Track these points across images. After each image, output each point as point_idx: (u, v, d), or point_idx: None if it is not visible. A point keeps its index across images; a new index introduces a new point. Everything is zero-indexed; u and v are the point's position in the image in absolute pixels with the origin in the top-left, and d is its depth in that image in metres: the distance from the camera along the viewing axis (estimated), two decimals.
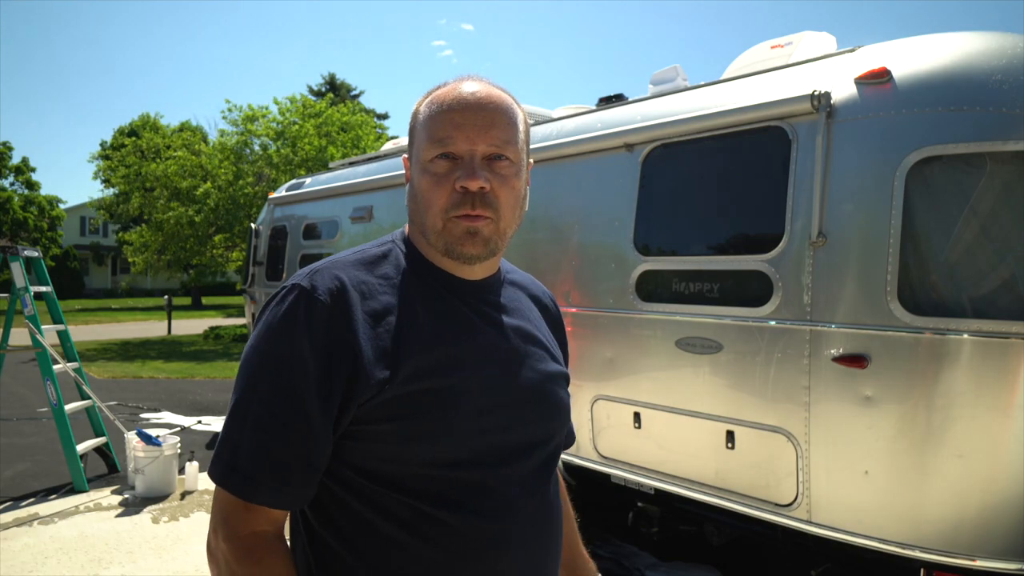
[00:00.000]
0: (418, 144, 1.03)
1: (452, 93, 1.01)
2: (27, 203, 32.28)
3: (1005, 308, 2.54)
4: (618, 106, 4.06)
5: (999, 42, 2.75)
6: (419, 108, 1.05)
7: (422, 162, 1.01)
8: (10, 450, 6.45)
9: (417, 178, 1.03)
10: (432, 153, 0.99)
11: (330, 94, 21.89)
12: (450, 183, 0.98)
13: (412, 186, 1.05)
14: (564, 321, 1.33)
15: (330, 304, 0.94)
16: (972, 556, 2.55)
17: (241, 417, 0.93)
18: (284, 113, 17.59)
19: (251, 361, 0.96)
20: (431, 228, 1.01)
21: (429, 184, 1.00)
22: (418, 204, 1.03)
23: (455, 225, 0.99)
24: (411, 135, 1.07)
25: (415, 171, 1.04)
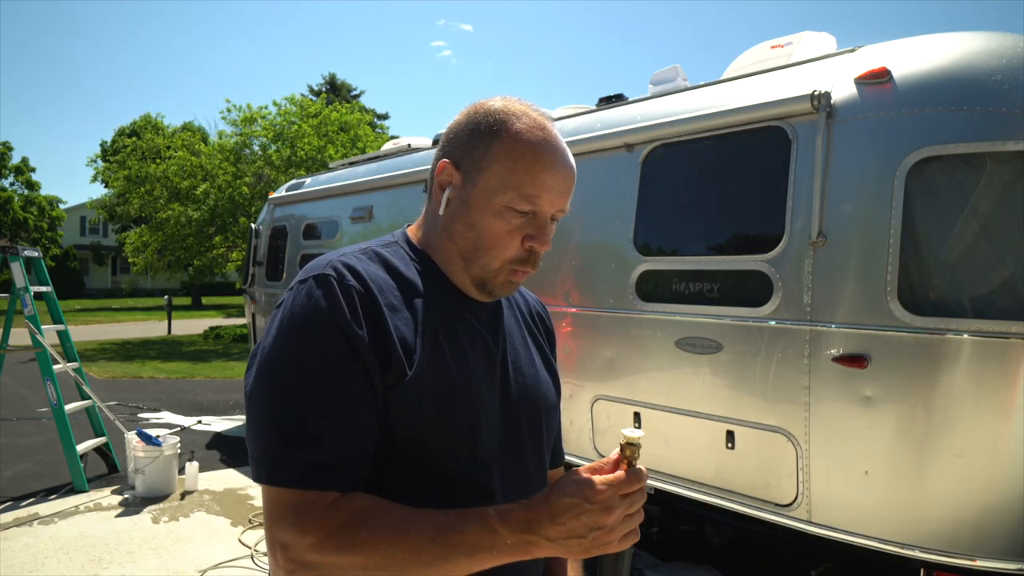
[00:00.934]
0: (493, 179, 0.99)
1: (543, 145, 1.00)
2: (27, 203, 32.29)
3: (1005, 308, 2.54)
4: (618, 106, 4.06)
5: (999, 42, 2.75)
6: (499, 133, 1.00)
7: (496, 205, 0.99)
8: (10, 450, 6.45)
9: (485, 215, 1.00)
10: (513, 204, 0.99)
11: (325, 94, 21.85)
12: (520, 237, 1.00)
13: (469, 213, 1.01)
14: (565, 322, 1.34)
15: (360, 289, 0.94)
16: (972, 556, 2.55)
17: (299, 410, 0.89)
18: (283, 114, 17.59)
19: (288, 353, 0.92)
20: (482, 264, 1.02)
21: (503, 231, 1.00)
22: (478, 238, 1.01)
23: (508, 274, 1.03)
24: (476, 152, 1.01)
25: (481, 204, 1.00)
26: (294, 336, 0.92)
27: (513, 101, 1.04)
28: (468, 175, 1.01)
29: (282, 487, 0.88)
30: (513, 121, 1.00)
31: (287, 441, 0.89)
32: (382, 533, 0.85)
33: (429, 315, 1.00)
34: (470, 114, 1.04)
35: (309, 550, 0.86)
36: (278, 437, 0.89)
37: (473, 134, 1.02)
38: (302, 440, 0.89)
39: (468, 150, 1.02)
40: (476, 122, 1.02)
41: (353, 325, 0.91)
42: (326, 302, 0.92)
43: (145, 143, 21.06)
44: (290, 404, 0.90)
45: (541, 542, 0.83)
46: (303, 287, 0.95)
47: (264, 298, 7.50)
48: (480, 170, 1.00)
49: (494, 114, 1.02)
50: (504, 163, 0.99)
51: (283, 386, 0.91)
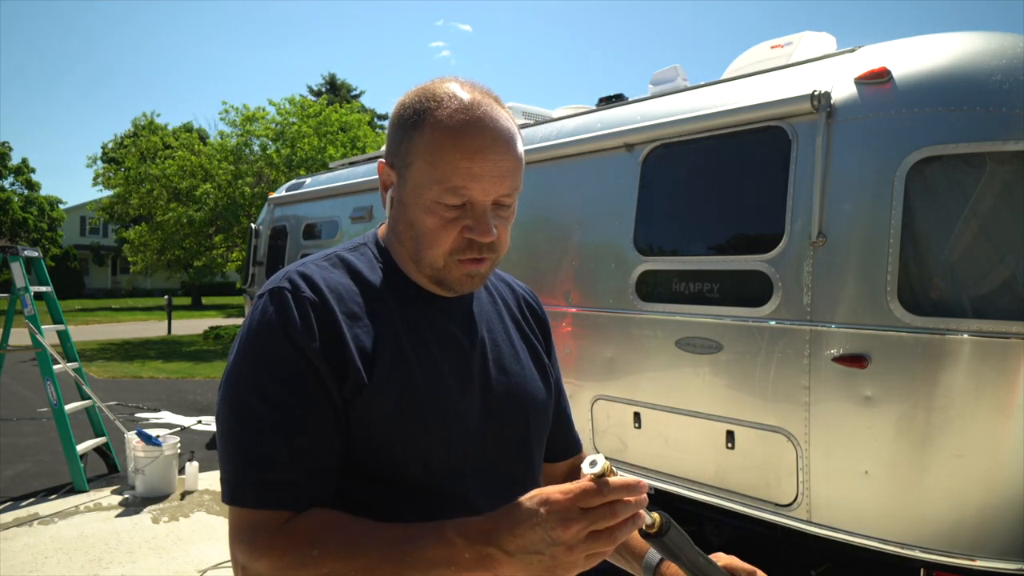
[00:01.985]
0: (419, 174, 0.94)
1: (468, 133, 0.92)
2: (27, 203, 32.30)
3: (1005, 308, 2.54)
4: (618, 106, 4.06)
5: (999, 42, 2.75)
6: (419, 119, 0.94)
7: (426, 200, 0.94)
8: (10, 450, 6.45)
9: (417, 212, 0.96)
10: (442, 198, 0.93)
11: (326, 95, 21.85)
12: (457, 228, 0.94)
13: (405, 212, 0.98)
14: (565, 322, 1.31)
15: (314, 299, 0.92)
16: (972, 556, 2.55)
17: (255, 428, 0.88)
18: (282, 114, 17.59)
19: (244, 371, 0.91)
20: (428, 263, 0.97)
21: (435, 225, 0.94)
22: (416, 236, 0.97)
23: (457, 267, 0.97)
24: (402, 146, 0.96)
25: (413, 201, 0.96)
26: (248, 353, 0.91)
27: (440, 84, 0.96)
28: (400, 173, 0.97)
29: (239, 507, 0.88)
30: (433, 108, 0.93)
31: (243, 460, 0.88)
32: (335, 550, 0.82)
33: (391, 319, 0.96)
34: (395, 107, 0.99)
35: (264, 570, 0.85)
36: (236, 456, 0.89)
37: (398, 129, 0.97)
38: (256, 459, 0.88)
39: (396, 147, 0.97)
40: (398, 116, 0.98)
41: (306, 338, 0.89)
42: (278, 317, 0.90)
43: (143, 143, 21.07)
44: (245, 423, 0.89)
45: (500, 556, 0.75)
46: (260, 302, 0.94)
47: None
48: (407, 166, 0.95)
49: (413, 104, 0.96)
50: (425, 156, 0.93)
51: (239, 405, 0.90)
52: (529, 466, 1.09)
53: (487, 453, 1.01)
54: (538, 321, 1.22)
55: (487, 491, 0.99)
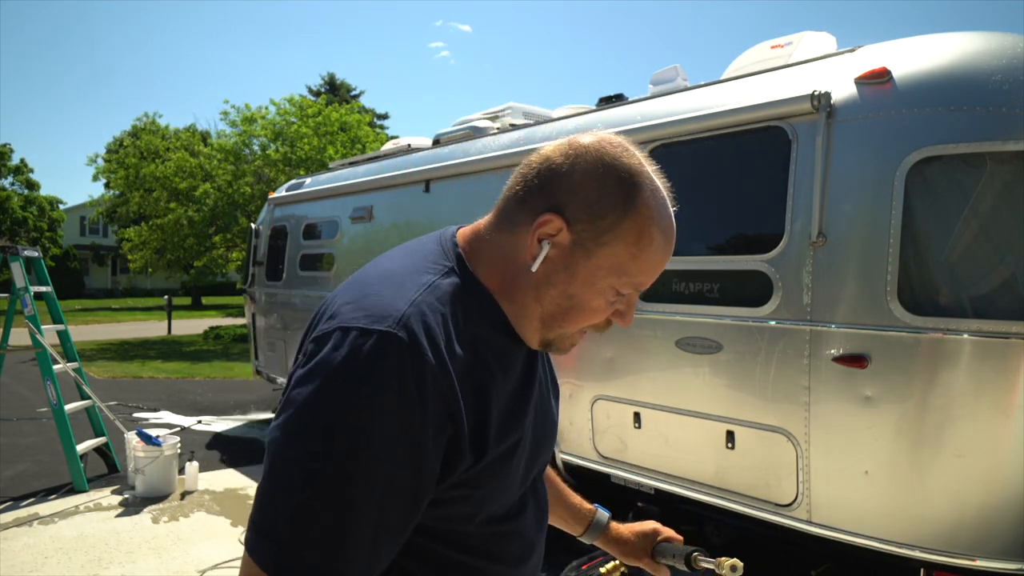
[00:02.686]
0: (611, 259, 0.86)
1: (670, 231, 0.89)
2: (27, 203, 32.30)
3: (1005, 308, 2.54)
4: (618, 106, 4.06)
5: (999, 42, 2.75)
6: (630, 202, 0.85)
7: (602, 284, 0.87)
8: (10, 450, 6.45)
9: (585, 288, 0.88)
10: (622, 288, 0.88)
11: (325, 95, 21.85)
12: (610, 311, 0.91)
13: (571, 280, 0.87)
14: None
15: (434, 364, 0.78)
16: (972, 556, 2.55)
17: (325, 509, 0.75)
18: (282, 114, 17.60)
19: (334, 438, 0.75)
20: (559, 330, 0.91)
21: (600, 307, 0.89)
22: (568, 308, 0.89)
23: (574, 339, 0.94)
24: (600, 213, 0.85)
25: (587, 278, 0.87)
26: (345, 415, 0.76)
27: (639, 156, 0.89)
28: (582, 243, 0.86)
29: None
30: (648, 195, 0.86)
31: (303, 538, 0.75)
32: None
33: (498, 379, 0.88)
34: (597, 165, 0.86)
35: None
36: (295, 528, 0.75)
37: (601, 198, 0.85)
38: (320, 543, 0.75)
39: (591, 216, 0.85)
40: (606, 182, 0.85)
41: (421, 415, 0.77)
42: (395, 382, 0.76)
43: (143, 143, 21.07)
44: (320, 499, 0.75)
45: None
46: (364, 343, 0.77)
47: (264, 298, 7.50)
48: (601, 245, 0.85)
49: (629, 179, 0.86)
50: (630, 248, 0.85)
51: (316, 472, 0.75)
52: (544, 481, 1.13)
53: (534, 484, 1.04)
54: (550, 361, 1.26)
55: (534, 520, 1.02)
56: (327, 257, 6.52)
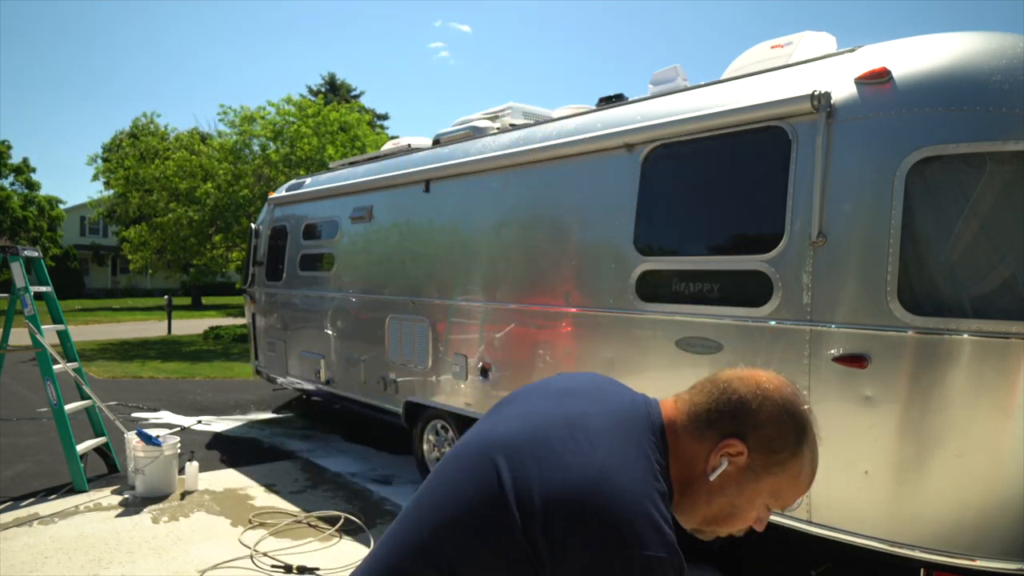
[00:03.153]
0: (773, 485, 1.07)
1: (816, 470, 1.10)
2: (27, 203, 32.30)
3: (1005, 308, 2.54)
4: (618, 106, 4.06)
5: (999, 42, 2.75)
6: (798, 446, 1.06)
7: (760, 502, 1.08)
8: (10, 450, 6.45)
9: (745, 502, 1.08)
10: (773, 505, 1.10)
11: (324, 95, 21.86)
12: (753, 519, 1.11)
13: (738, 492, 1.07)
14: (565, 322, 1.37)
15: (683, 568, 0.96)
16: (972, 556, 2.56)
17: None
18: (281, 114, 17.59)
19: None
20: (713, 527, 1.11)
21: (751, 518, 1.10)
22: (727, 514, 1.09)
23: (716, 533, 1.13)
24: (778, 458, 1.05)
25: (750, 495, 1.07)
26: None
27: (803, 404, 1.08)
28: (754, 468, 1.06)
29: None
30: (812, 442, 1.07)
31: None
32: None
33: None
34: (781, 412, 1.06)
35: None
36: None
37: (780, 438, 1.05)
38: None
39: (768, 451, 1.05)
40: (785, 428, 1.05)
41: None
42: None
43: (143, 144, 21.06)
44: None
45: None
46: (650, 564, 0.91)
47: (264, 298, 7.51)
48: (770, 473, 1.06)
49: (802, 428, 1.06)
50: (791, 479, 1.07)
51: None
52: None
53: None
54: None
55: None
56: (327, 257, 6.52)
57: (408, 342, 5.33)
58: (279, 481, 5.52)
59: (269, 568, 3.93)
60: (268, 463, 6.05)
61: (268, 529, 4.48)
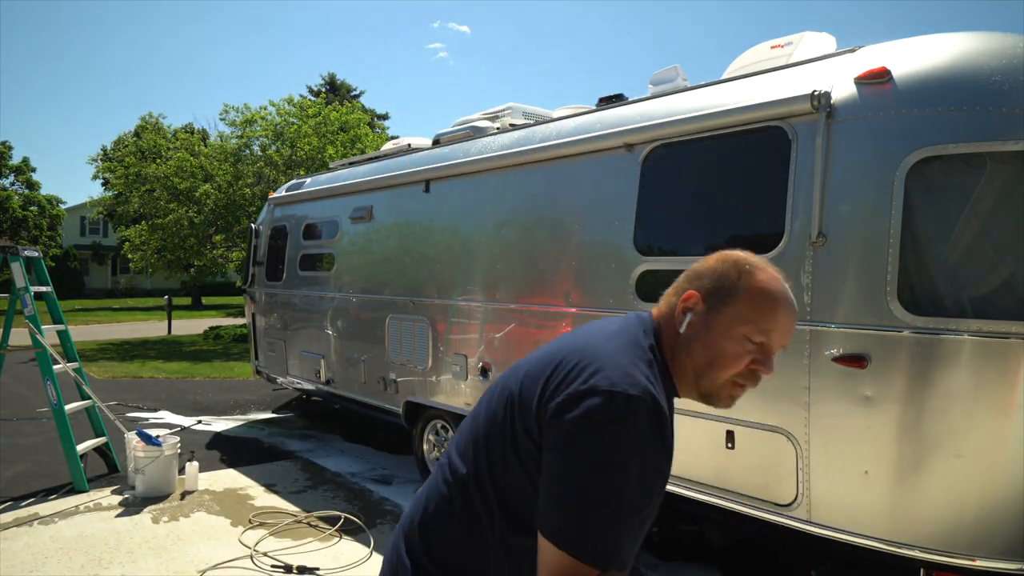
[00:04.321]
0: (735, 314, 1.18)
1: (784, 297, 1.19)
2: (27, 202, 32.30)
3: (1005, 308, 2.54)
4: (618, 106, 4.06)
5: (999, 42, 2.75)
6: (745, 282, 1.19)
7: (736, 333, 1.17)
8: (10, 450, 6.45)
9: (723, 339, 1.18)
10: (750, 334, 1.17)
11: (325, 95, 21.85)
12: (748, 360, 1.18)
13: (709, 335, 1.19)
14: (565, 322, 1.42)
15: (665, 415, 1.10)
16: (972, 556, 2.56)
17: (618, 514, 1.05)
18: (282, 114, 17.59)
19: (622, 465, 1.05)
20: (710, 380, 1.20)
21: (735, 354, 1.18)
22: (712, 357, 1.19)
23: (728, 389, 1.21)
24: (722, 292, 1.20)
25: (721, 330, 1.18)
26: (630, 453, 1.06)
27: (750, 256, 1.23)
28: (710, 303, 1.20)
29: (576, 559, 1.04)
30: (758, 273, 1.19)
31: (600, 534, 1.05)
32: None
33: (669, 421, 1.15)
34: (719, 260, 1.24)
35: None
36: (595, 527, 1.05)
37: (723, 277, 1.21)
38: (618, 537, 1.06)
39: (716, 289, 1.21)
40: (726, 268, 1.22)
41: (667, 452, 1.10)
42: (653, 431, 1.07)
43: (144, 142, 21.05)
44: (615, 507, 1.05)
45: None
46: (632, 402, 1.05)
47: (264, 298, 7.51)
48: (725, 304, 1.19)
49: (741, 263, 1.21)
50: (748, 304, 1.18)
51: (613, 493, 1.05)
52: None
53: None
54: None
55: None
56: (327, 257, 6.52)
57: (408, 342, 5.33)
58: (279, 481, 5.52)
59: (269, 568, 3.93)
60: (268, 463, 6.05)
61: (268, 529, 4.48)
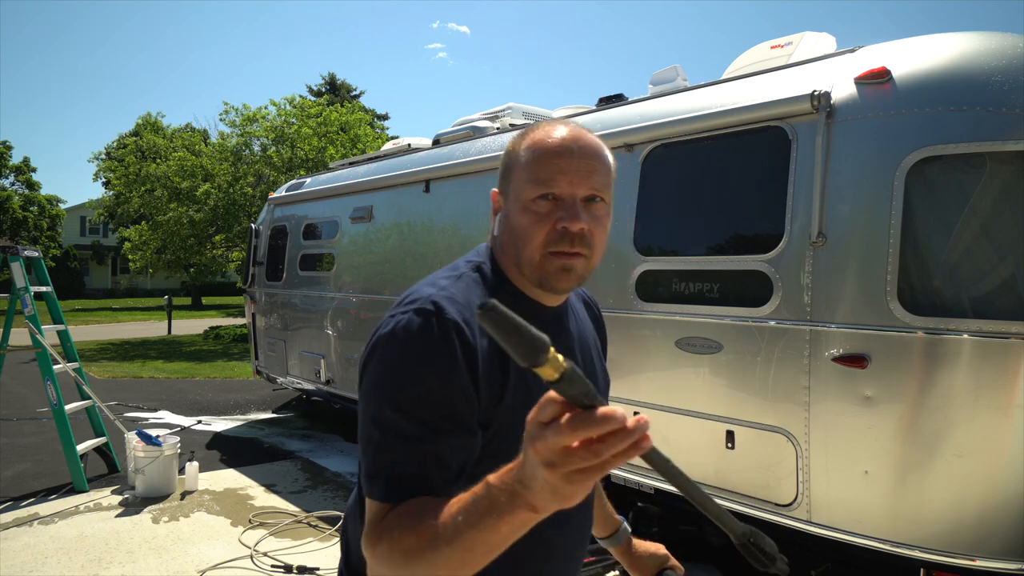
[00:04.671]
0: (518, 183, 1.09)
1: (555, 139, 1.08)
2: (27, 203, 32.31)
3: (1005, 308, 2.54)
4: (618, 106, 4.06)
5: (999, 42, 2.75)
6: (518, 149, 1.11)
7: (523, 200, 1.07)
8: (10, 450, 6.45)
9: (516, 215, 1.09)
10: (535, 193, 1.06)
11: (327, 95, 21.86)
12: (551, 222, 1.05)
13: (508, 220, 1.11)
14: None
15: (456, 321, 0.99)
16: (972, 556, 2.55)
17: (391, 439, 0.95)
18: (282, 114, 17.60)
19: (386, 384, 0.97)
20: (527, 261, 1.08)
21: (531, 221, 1.06)
22: (515, 238, 1.09)
23: (551, 261, 1.07)
24: (507, 172, 1.13)
25: (514, 207, 1.10)
26: (391, 370, 0.98)
27: (541, 122, 1.14)
28: (505, 192, 1.12)
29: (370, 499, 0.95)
30: (530, 134, 1.11)
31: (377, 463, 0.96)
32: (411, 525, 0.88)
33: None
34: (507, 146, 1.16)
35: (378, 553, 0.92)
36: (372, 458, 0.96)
37: (506, 157, 1.14)
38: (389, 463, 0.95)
39: (504, 173, 1.14)
40: (506, 150, 1.15)
41: (448, 361, 0.96)
42: (423, 339, 0.97)
43: (145, 142, 21.07)
44: (384, 433, 0.96)
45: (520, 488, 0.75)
46: (405, 321, 0.99)
47: (264, 298, 7.51)
48: (509, 183, 1.11)
49: (516, 136, 1.14)
50: (524, 166, 1.09)
51: (380, 416, 0.96)
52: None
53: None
54: (600, 328, 1.35)
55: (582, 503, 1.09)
56: (327, 257, 6.52)
57: None
58: (279, 481, 5.52)
59: (269, 568, 3.93)
60: (268, 463, 6.05)
61: (268, 529, 4.48)
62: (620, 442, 0.66)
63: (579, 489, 0.70)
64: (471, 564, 0.82)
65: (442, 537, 0.82)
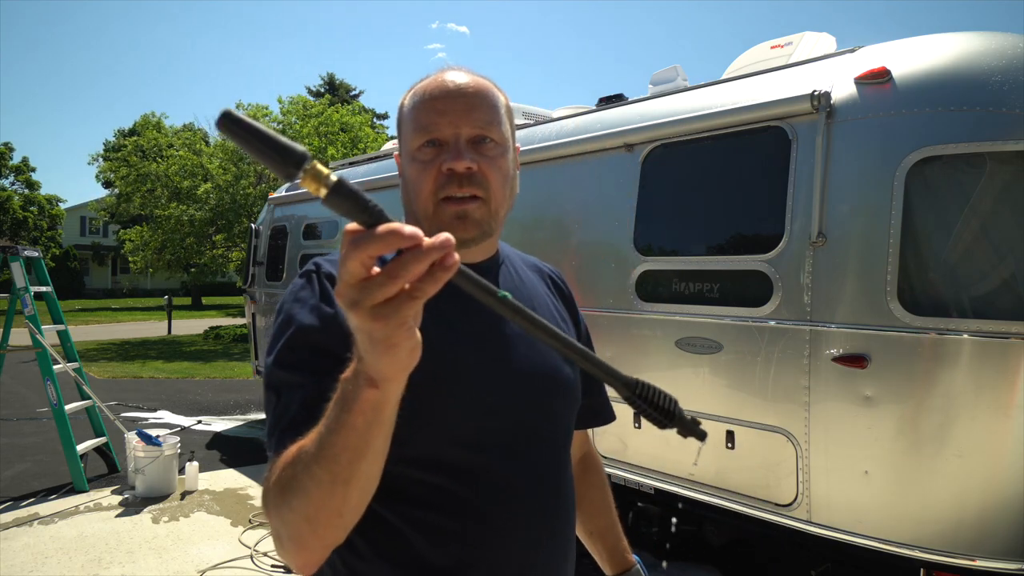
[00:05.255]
0: (405, 135, 1.06)
1: (433, 83, 1.04)
2: (27, 203, 32.31)
3: (1005, 308, 2.54)
4: (618, 106, 4.06)
5: (999, 42, 2.75)
6: (403, 102, 1.08)
7: (410, 151, 1.04)
8: (10, 450, 6.45)
9: (406, 167, 1.05)
10: (418, 141, 1.02)
11: (327, 95, 21.88)
12: (436, 167, 1.00)
13: (403, 178, 1.07)
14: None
15: (333, 273, 0.96)
16: (972, 556, 2.55)
17: (281, 396, 0.92)
18: (285, 113, 17.62)
19: (275, 345, 0.96)
20: (422, 214, 1.02)
21: (417, 171, 1.02)
22: (409, 192, 1.05)
23: (444, 210, 1.01)
24: (399, 129, 1.09)
25: (404, 162, 1.07)
26: (278, 331, 0.97)
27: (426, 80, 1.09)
28: (401, 154, 1.08)
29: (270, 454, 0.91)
30: (413, 89, 1.07)
31: (275, 420, 0.92)
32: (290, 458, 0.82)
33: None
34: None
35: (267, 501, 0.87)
36: (270, 418, 0.94)
37: (397, 116, 1.11)
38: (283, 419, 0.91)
39: (397, 132, 1.10)
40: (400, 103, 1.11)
41: (329, 313, 0.93)
42: (305, 293, 0.97)
43: (145, 141, 21.08)
44: (278, 391, 0.93)
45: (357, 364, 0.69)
46: (292, 288, 1.00)
47: (264, 298, 7.50)
48: (401, 141, 1.08)
49: (403, 97, 1.09)
50: (408, 118, 1.05)
51: (272, 378, 0.94)
52: (553, 443, 1.09)
53: (511, 427, 1.02)
54: (564, 299, 1.26)
55: (511, 465, 1.00)
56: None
57: None
58: None
59: (269, 568, 3.93)
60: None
61: (268, 529, 4.48)
62: (417, 262, 0.58)
63: (391, 327, 0.61)
64: (341, 480, 0.74)
65: (309, 454, 0.76)
